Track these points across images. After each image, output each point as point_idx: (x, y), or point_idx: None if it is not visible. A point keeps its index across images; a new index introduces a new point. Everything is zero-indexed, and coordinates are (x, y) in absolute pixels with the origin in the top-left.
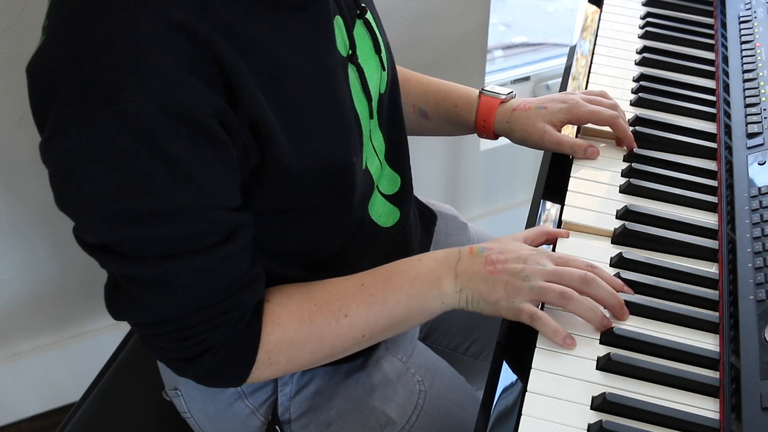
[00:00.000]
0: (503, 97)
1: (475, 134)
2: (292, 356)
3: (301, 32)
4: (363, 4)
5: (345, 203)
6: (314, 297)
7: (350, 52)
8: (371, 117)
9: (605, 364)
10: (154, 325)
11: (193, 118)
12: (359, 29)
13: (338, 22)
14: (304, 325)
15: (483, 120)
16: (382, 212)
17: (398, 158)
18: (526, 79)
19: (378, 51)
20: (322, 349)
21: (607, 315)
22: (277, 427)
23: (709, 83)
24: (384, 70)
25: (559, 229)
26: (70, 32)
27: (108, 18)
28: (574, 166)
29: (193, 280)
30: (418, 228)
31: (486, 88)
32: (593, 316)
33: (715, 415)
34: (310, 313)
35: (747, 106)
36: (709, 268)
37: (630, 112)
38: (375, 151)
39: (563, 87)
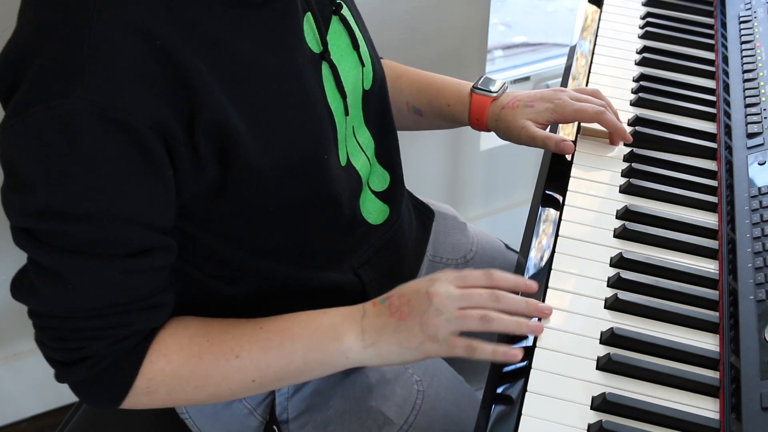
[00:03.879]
0: (494, 94)
1: (475, 132)
2: (173, 389)
3: (266, 29)
4: (338, 0)
5: (330, 200)
6: (209, 332)
7: (322, 48)
8: (347, 114)
9: (605, 364)
10: (41, 317)
11: (129, 125)
12: (335, 26)
13: (308, 18)
14: (191, 359)
15: (476, 119)
16: (373, 209)
17: (387, 155)
18: (526, 79)
19: (356, 47)
20: (206, 387)
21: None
22: (274, 427)
23: (709, 83)
24: (364, 66)
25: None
26: (31, 31)
27: (67, 18)
28: (574, 166)
29: (86, 282)
30: (413, 224)
31: (478, 85)
32: (519, 328)
33: (715, 415)
34: (201, 349)
35: (747, 106)
36: (709, 268)
37: (630, 112)
38: (361, 148)
39: (563, 87)
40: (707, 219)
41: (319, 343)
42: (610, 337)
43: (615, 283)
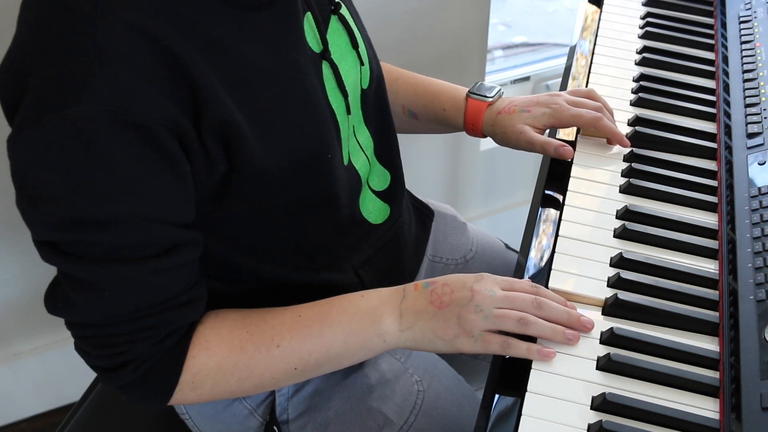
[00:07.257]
0: (490, 99)
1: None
2: (218, 382)
3: (268, 29)
4: (337, 0)
5: (330, 200)
6: (248, 324)
7: (322, 48)
8: (348, 113)
9: (605, 364)
10: (80, 327)
11: (143, 127)
12: (334, 25)
13: (308, 18)
14: (233, 352)
15: (471, 123)
16: (373, 209)
17: (387, 154)
18: (526, 79)
19: (355, 46)
20: (250, 379)
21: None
22: (275, 428)
23: (709, 83)
24: (363, 65)
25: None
26: (33, 37)
27: (69, 24)
28: (574, 166)
29: (121, 288)
30: (412, 224)
31: (473, 90)
32: (555, 335)
33: (715, 415)
34: (242, 341)
35: (747, 106)
36: (709, 268)
37: (630, 112)
38: (361, 147)
39: (563, 87)
40: (707, 219)
41: (359, 327)
42: (610, 337)
43: (615, 283)
